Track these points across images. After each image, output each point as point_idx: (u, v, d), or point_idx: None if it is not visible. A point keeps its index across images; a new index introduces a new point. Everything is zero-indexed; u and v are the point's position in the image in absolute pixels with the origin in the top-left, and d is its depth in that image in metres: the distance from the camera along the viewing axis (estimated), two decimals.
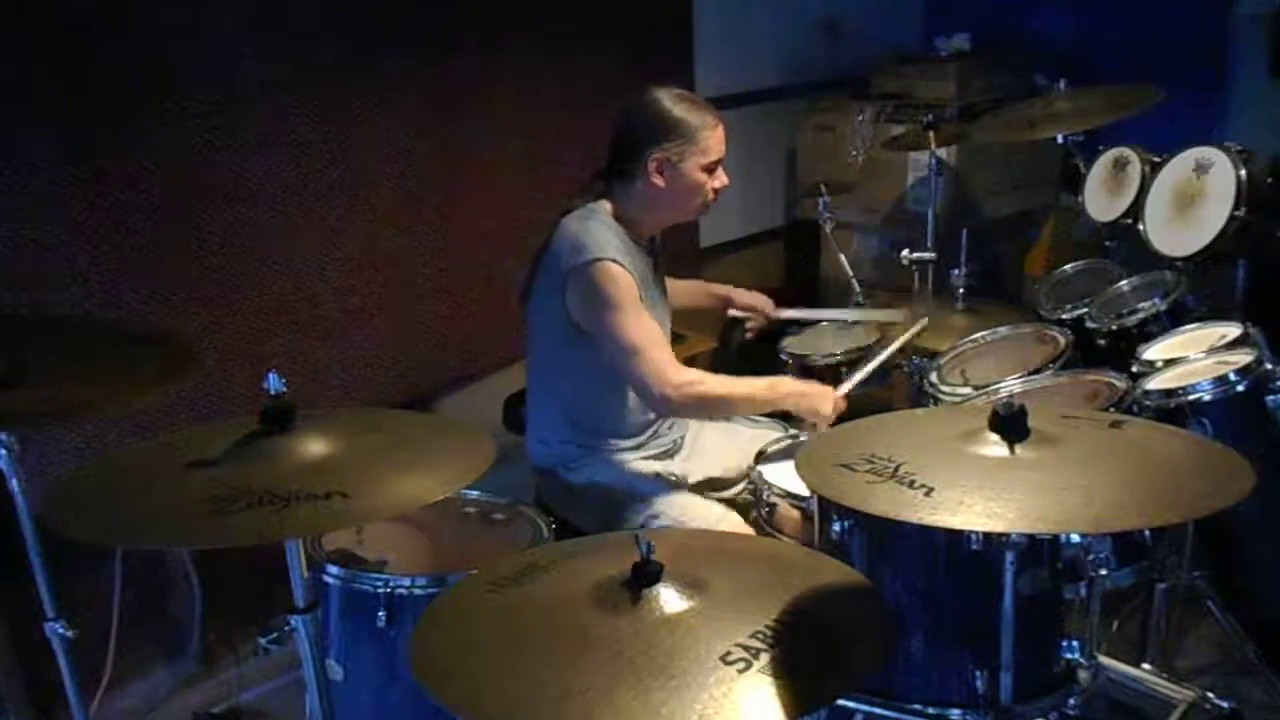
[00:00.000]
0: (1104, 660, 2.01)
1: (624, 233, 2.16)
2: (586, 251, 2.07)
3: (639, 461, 2.27)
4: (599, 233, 2.11)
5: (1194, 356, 2.14)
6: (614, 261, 2.06)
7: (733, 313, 2.67)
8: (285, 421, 1.50)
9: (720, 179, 2.20)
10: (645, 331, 2.07)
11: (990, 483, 1.39)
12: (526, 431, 2.36)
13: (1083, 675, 1.63)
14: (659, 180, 2.14)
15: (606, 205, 2.18)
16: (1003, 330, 2.59)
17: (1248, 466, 1.40)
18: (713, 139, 2.15)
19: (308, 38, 2.58)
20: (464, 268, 2.98)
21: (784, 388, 2.22)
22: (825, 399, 2.21)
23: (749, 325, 2.67)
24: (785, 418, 2.56)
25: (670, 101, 2.14)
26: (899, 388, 2.90)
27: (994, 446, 1.48)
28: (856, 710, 1.69)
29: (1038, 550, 1.60)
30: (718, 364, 3.25)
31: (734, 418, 2.53)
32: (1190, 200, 2.52)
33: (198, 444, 1.51)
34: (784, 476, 2.12)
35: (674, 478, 2.27)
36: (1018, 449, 1.47)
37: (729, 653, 1.17)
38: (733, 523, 2.17)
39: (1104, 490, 1.38)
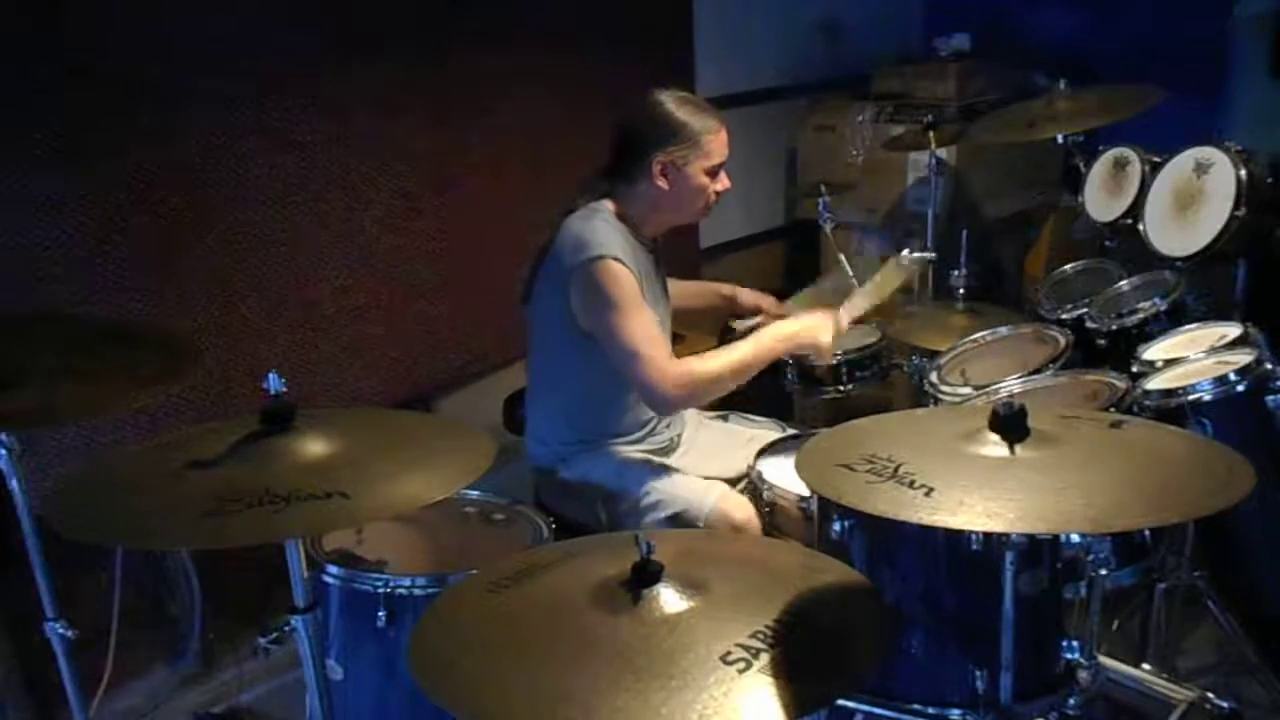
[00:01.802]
0: (1104, 660, 2.00)
1: (627, 232, 2.17)
2: (589, 249, 2.07)
3: (634, 455, 2.27)
4: (602, 231, 2.11)
5: (1194, 356, 2.14)
6: (616, 260, 2.06)
7: (735, 324, 2.65)
8: (285, 421, 1.50)
9: (723, 182, 2.20)
10: (646, 332, 2.07)
11: (990, 483, 1.39)
12: (526, 431, 2.37)
13: (1083, 675, 1.63)
14: (662, 183, 2.14)
15: (609, 205, 2.18)
16: (1003, 330, 2.59)
17: (1248, 466, 1.40)
18: (716, 143, 2.15)
19: (308, 37, 2.57)
20: (464, 268, 2.98)
21: (772, 338, 2.16)
22: (823, 329, 2.19)
23: (752, 327, 2.65)
24: (786, 415, 2.56)
25: (675, 105, 2.14)
26: (899, 388, 2.90)
27: (994, 446, 1.48)
28: (856, 710, 1.69)
29: (1038, 550, 1.60)
30: None
31: (731, 417, 2.54)
32: (1190, 200, 2.52)
33: (198, 444, 1.51)
34: (784, 475, 2.12)
35: (669, 468, 2.27)
36: (1018, 449, 1.47)
37: (729, 653, 1.17)
38: (726, 494, 2.16)
39: (1104, 490, 1.38)
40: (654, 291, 2.22)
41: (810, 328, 2.20)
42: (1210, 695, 2.00)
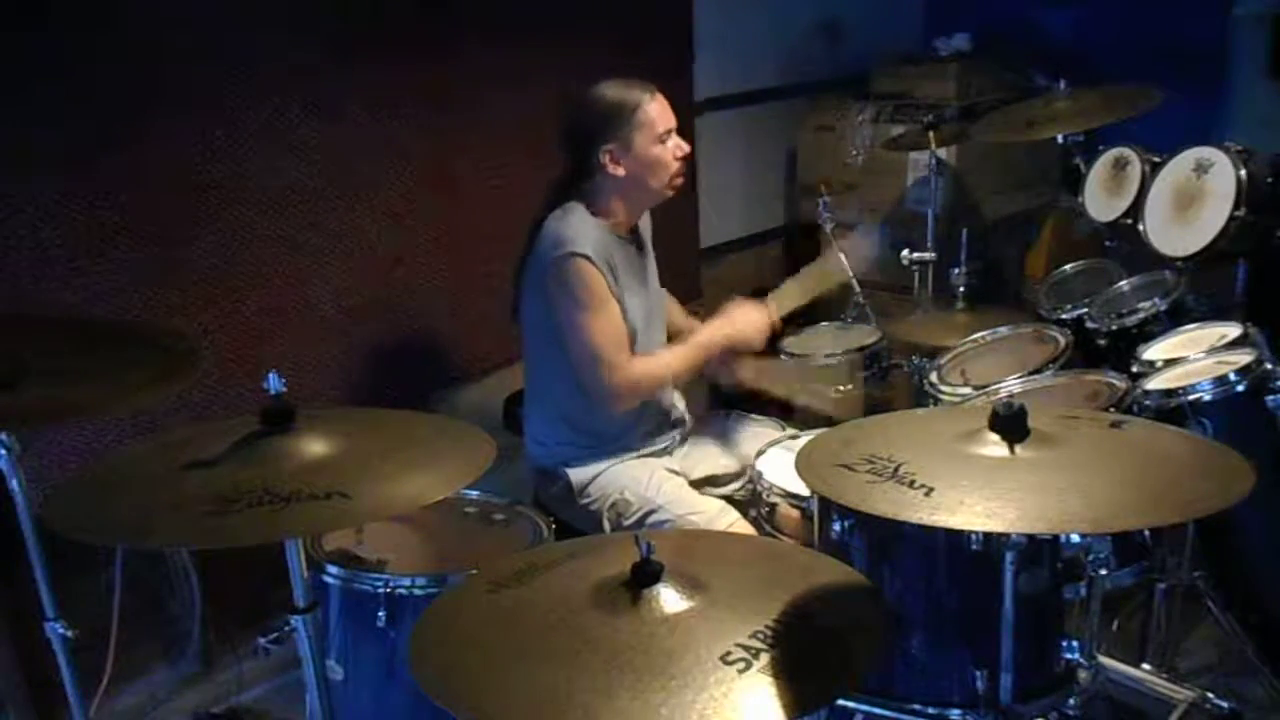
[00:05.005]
0: (1104, 660, 2.01)
1: (603, 226, 2.17)
2: (561, 246, 2.10)
3: (636, 459, 2.27)
4: (576, 227, 2.13)
5: (1194, 356, 2.13)
6: (584, 258, 2.08)
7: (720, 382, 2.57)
8: (285, 421, 1.50)
9: (681, 146, 2.20)
10: (603, 334, 2.10)
11: (990, 483, 1.39)
12: (524, 433, 2.37)
13: (1083, 675, 1.63)
14: (618, 170, 2.16)
15: (579, 205, 2.19)
16: (1003, 330, 2.59)
17: (1248, 466, 1.40)
18: (652, 110, 2.15)
19: (307, 37, 2.57)
20: (464, 268, 2.98)
21: (710, 340, 2.26)
22: (754, 327, 2.28)
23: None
24: (786, 415, 2.56)
25: (601, 92, 2.16)
26: (899, 388, 2.90)
27: (994, 446, 1.48)
28: (856, 710, 1.69)
29: (1038, 550, 1.60)
30: None
31: (731, 415, 2.54)
32: (1190, 200, 2.52)
33: (198, 444, 1.51)
34: (784, 475, 2.12)
35: (672, 473, 2.27)
36: (1018, 449, 1.47)
37: (729, 653, 1.17)
38: (731, 517, 2.17)
39: (1104, 490, 1.38)
40: (634, 282, 2.23)
41: (742, 327, 2.27)
42: (1210, 695, 2.00)
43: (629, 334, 2.17)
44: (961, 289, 2.90)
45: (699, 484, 2.31)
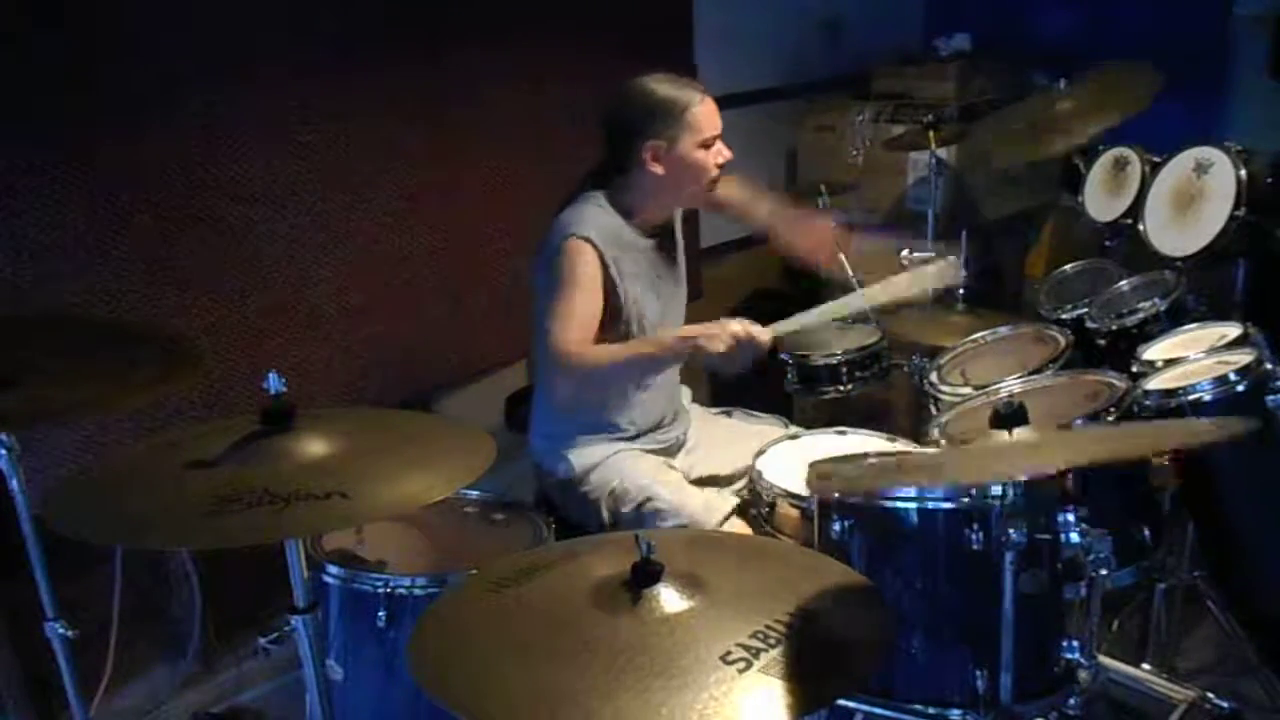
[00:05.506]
0: (1104, 660, 2.01)
1: (619, 218, 2.16)
2: (565, 229, 2.09)
3: (638, 454, 2.27)
4: (585, 212, 2.12)
5: (1194, 356, 2.13)
6: (584, 239, 2.07)
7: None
8: (285, 421, 1.50)
9: (722, 153, 2.17)
10: (564, 313, 2.03)
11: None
12: (530, 426, 2.36)
13: (1083, 675, 1.63)
14: (657, 168, 2.13)
15: (597, 193, 2.17)
16: (1003, 330, 2.59)
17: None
18: (701, 114, 2.13)
19: (307, 37, 2.57)
20: (464, 268, 2.98)
21: (667, 342, 2.07)
22: (718, 339, 1.96)
23: None
24: (786, 415, 2.56)
25: (652, 86, 2.12)
26: (899, 388, 2.90)
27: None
28: (856, 710, 1.69)
29: (1038, 550, 1.60)
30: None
31: (734, 414, 2.53)
32: (1190, 200, 2.52)
33: (198, 444, 1.51)
34: (784, 475, 2.12)
35: (671, 469, 2.27)
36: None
37: (729, 653, 1.17)
38: (729, 505, 2.16)
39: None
40: (646, 279, 2.20)
41: (712, 339, 1.98)
42: (1210, 695, 2.00)
43: (632, 333, 2.16)
44: (961, 289, 2.90)
45: (700, 483, 2.31)
